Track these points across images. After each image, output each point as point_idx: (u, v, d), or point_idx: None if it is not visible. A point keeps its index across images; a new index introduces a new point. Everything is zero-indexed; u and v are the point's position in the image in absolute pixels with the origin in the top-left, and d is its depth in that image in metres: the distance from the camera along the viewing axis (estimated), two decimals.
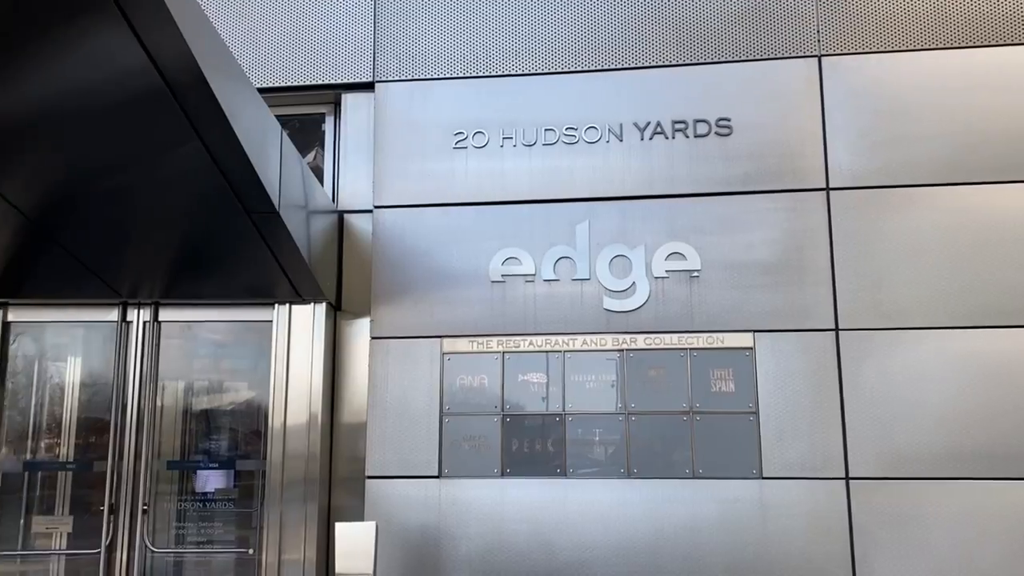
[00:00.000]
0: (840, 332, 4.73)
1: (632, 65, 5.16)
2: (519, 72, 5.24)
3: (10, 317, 5.21)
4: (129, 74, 2.80)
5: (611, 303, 4.92)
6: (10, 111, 3.02)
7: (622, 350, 4.89)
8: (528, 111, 5.18)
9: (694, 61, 5.11)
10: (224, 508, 5.08)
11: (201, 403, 5.30)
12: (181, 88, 2.91)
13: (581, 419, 4.84)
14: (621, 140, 5.08)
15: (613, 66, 5.17)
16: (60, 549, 5.08)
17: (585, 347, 4.91)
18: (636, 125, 5.08)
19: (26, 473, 5.16)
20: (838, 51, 5.02)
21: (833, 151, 4.92)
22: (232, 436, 5.23)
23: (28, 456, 5.20)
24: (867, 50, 5.00)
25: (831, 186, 4.88)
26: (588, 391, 4.88)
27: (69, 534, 5.07)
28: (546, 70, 5.22)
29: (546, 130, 5.14)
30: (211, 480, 5.11)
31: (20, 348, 5.30)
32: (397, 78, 5.33)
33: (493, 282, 5.02)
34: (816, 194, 4.88)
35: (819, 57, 5.02)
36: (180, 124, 3.10)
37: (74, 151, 3.39)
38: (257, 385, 5.15)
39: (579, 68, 5.20)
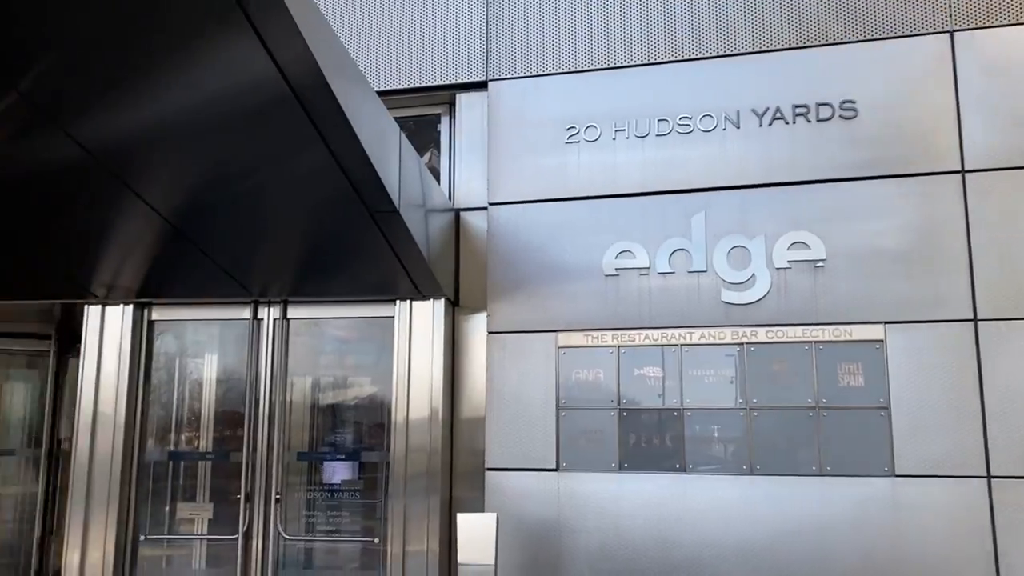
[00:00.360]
0: (979, 322, 4.46)
1: (748, 50, 5.01)
2: (630, 63, 5.19)
3: (154, 316, 5.56)
4: (258, 82, 2.95)
5: (729, 295, 4.81)
6: (150, 122, 3.23)
7: (742, 344, 4.77)
8: (640, 102, 5.12)
9: (815, 43, 4.92)
10: (350, 499, 5.27)
11: (327, 398, 5.52)
12: (306, 94, 3.03)
13: (700, 414, 4.76)
14: (738, 127, 4.95)
15: (728, 52, 5.04)
16: (202, 534, 5.41)
17: (703, 340, 4.82)
18: (754, 111, 4.93)
19: (170, 463, 5.51)
20: (972, 25, 4.72)
21: (968, 131, 4.64)
22: (357, 429, 5.41)
23: (172, 447, 5.54)
24: (1003, 23, 4.68)
25: (966, 168, 4.61)
26: (707, 385, 4.79)
27: (210, 520, 5.38)
28: (658, 60, 5.15)
29: (659, 120, 5.07)
30: (338, 471, 5.31)
31: (163, 346, 5.65)
32: (509, 76, 5.38)
33: (607, 276, 5.00)
34: (950, 177, 4.62)
35: (951, 32, 4.74)
36: (305, 128, 3.23)
37: (207, 157, 3.59)
38: (380, 380, 5.31)
39: (692, 56, 5.10)
